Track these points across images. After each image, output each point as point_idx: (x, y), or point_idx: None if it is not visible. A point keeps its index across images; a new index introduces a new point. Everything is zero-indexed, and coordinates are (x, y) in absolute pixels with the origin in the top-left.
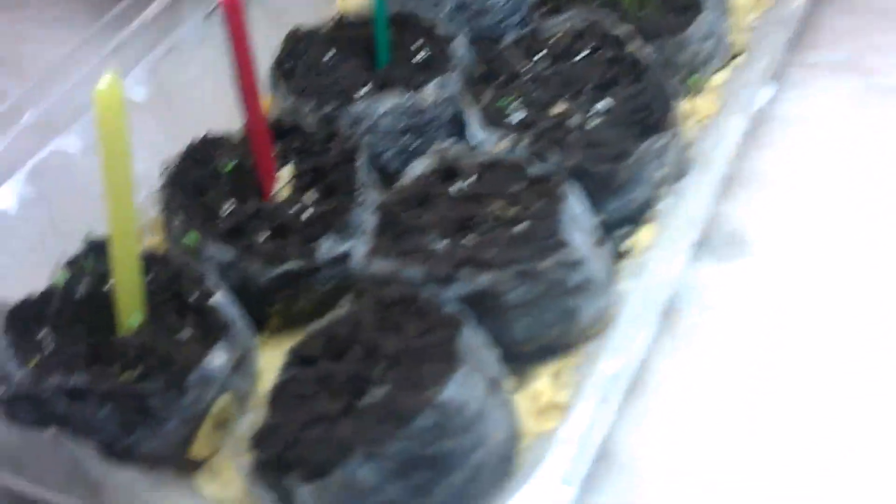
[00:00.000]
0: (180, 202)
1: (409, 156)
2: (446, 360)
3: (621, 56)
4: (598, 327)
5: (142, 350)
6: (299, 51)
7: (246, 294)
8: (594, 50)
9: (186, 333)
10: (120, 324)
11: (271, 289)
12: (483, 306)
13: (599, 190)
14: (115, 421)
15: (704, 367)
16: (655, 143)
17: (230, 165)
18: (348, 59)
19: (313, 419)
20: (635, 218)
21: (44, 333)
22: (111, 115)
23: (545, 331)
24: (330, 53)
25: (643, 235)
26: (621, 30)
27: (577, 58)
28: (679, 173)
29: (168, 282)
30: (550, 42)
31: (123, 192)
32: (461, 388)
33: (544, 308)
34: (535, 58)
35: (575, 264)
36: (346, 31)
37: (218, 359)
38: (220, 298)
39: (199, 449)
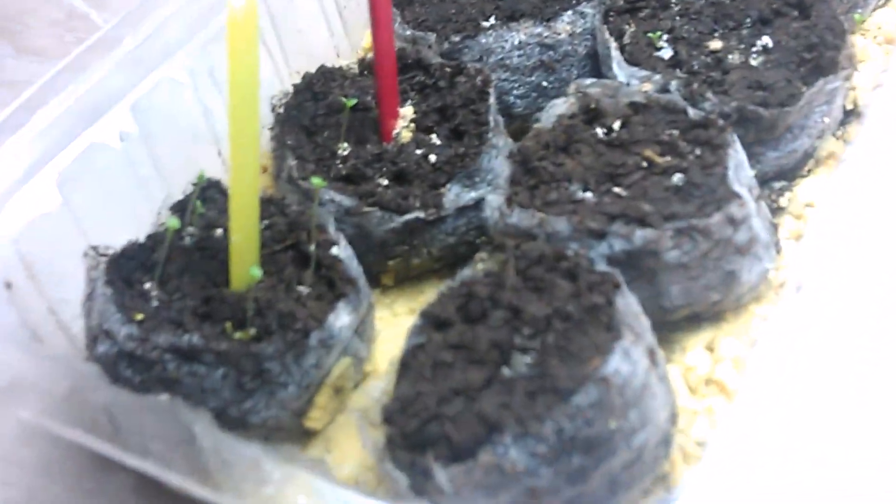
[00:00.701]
0: (295, 141)
1: (539, 96)
2: (605, 327)
3: None
4: (755, 294)
5: (258, 307)
6: None
7: (362, 245)
8: None
9: (305, 288)
10: (234, 276)
11: (390, 240)
12: (636, 267)
13: (760, 138)
14: (229, 385)
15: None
16: (826, 85)
17: (351, 103)
18: None
19: (453, 391)
20: (793, 172)
21: (149, 285)
22: (244, 38)
23: (703, 296)
24: None
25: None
26: None
27: None
28: (838, 122)
29: (285, 229)
30: None
31: (249, 125)
32: (624, 360)
33: (705, 270)
34: None
35: (743, 220)
36: None
37: (341, 319)
38: (342, 250)
39: (315, 418)
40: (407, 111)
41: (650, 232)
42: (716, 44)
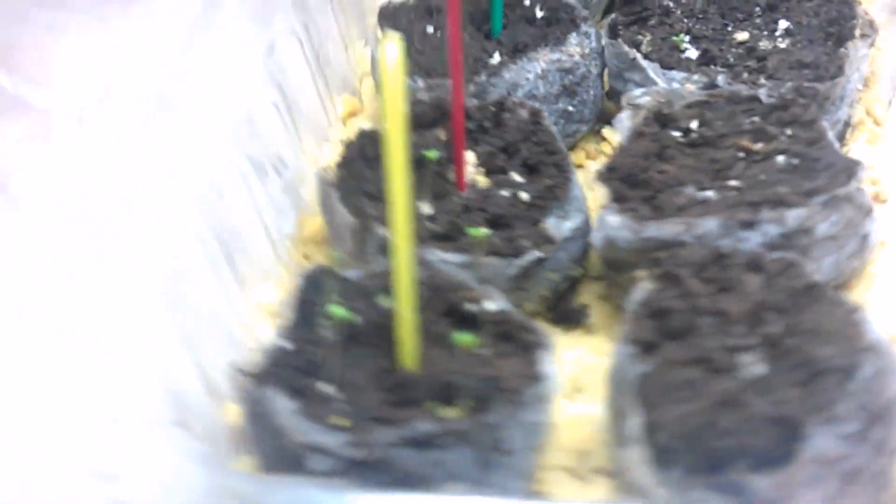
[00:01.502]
0: (374, 209)
1: (565, 122)
2: (827, 302)
3: None
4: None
5: (454, 380)
6: (400, 26)
7: None
8: None
9: (486, 350)
10: (405, 354)
11: (505, 287)
12: (788, 248)
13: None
14: (474, 464)
15: None
16: (857, 52)
17: (433, 154)
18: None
19: (716, 404)
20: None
21: (322, 386)
22: (395, 86)
23: (847, 264)
24: (429, 25)
25: None
26: None
27: None
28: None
29: (430, 295)
30: None
31: (402, 183)
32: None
33: (848, 238)
34: None
35: (863, 184)
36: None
37: (548, 366)
38: (498, 302)
39: (543, 480)
40: (469, 157)
41: (802, 210)
42: (742, 35)
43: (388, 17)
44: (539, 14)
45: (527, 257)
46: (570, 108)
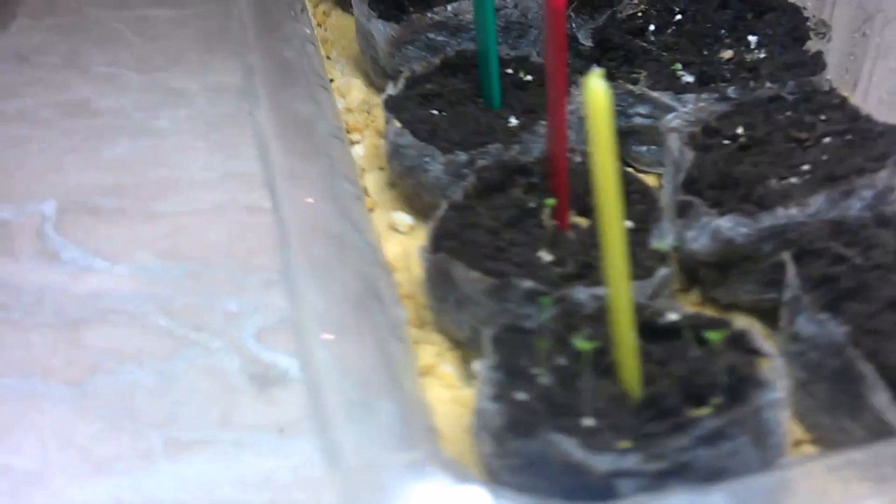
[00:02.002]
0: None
1: None
2: None
3: None
4: None
5: (697, 380)
6: (408, 112)
7: None
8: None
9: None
10: (626, 377)
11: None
12: (881, 206)
13: None
14: (755, 450)
15: None
16: (823, 48)
17: (551, 202)
18: (456, 106)
19: None
20: None
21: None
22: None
23: None
24: (433, 109)
25: None
26: None
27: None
28: None
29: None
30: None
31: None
32: None
33: None
34: (651, 28)
35: None
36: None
37: (763, 346)
38: (679, 312)
39: None
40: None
41: (884, 171)
42: (726, 53)
43: (394, 108)
44: (527, 78)
45: (659, 275)
46: None
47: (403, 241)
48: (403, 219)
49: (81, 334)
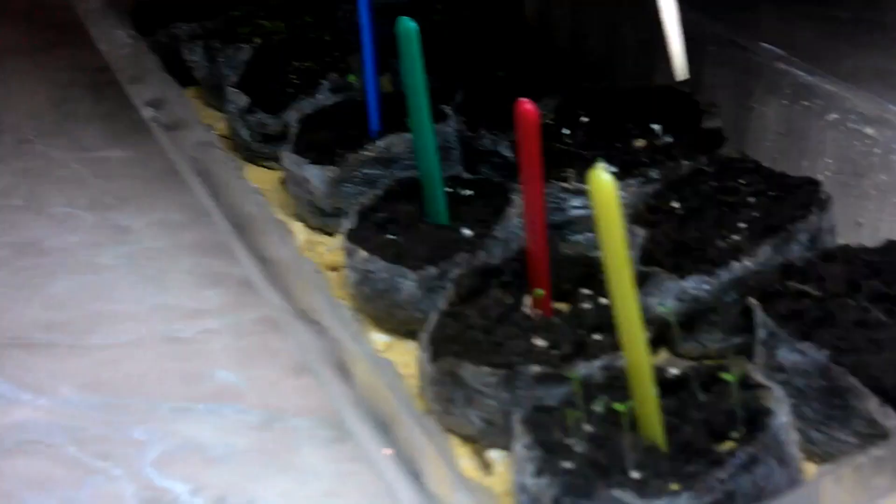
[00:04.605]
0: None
1: None
2: None
3: None
4: None
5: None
6: (371, 240)
7: None
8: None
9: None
10: (650, 430)
11: None
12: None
13: None
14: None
15: None
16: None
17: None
18: (409, 229)
19: None
20: None
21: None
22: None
23: None
24: (392, 234)
25: None
26: None
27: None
28: None
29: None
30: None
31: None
32: None
33: None
34: (564, 132)
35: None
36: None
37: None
38: (680, 365)
39: None
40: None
41: (814, 215)
42: (639, 142)
43: (356, 239)
44: (465, 193)
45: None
46: None
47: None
48: (380, 338)
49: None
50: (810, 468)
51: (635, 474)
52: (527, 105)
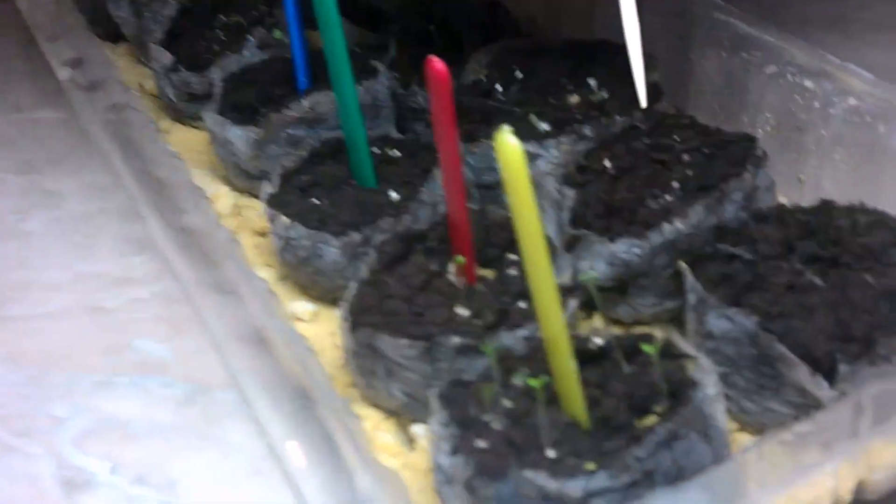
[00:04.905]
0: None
1: None
2: None
3: None
4: None
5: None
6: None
7: None
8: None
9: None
10: (571, 405)
11: None
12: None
13: None
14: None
15: None
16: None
17: (462, 260)
18: (334, 192)
19: None
20: None
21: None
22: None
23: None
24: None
25: None
26: None
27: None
28: None
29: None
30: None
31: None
32: None
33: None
34: (497, 88)
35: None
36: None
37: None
38: (604, 335)
39: None
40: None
41: (748, 173)
42: (573, 98)
43: (277, 204)
44: (393, 153)
45: (570, 306)
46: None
47: (310, 328)
48: (305, 307)
49: None
50: (744, 439)
51: (551, 453)
52: (436, 63)
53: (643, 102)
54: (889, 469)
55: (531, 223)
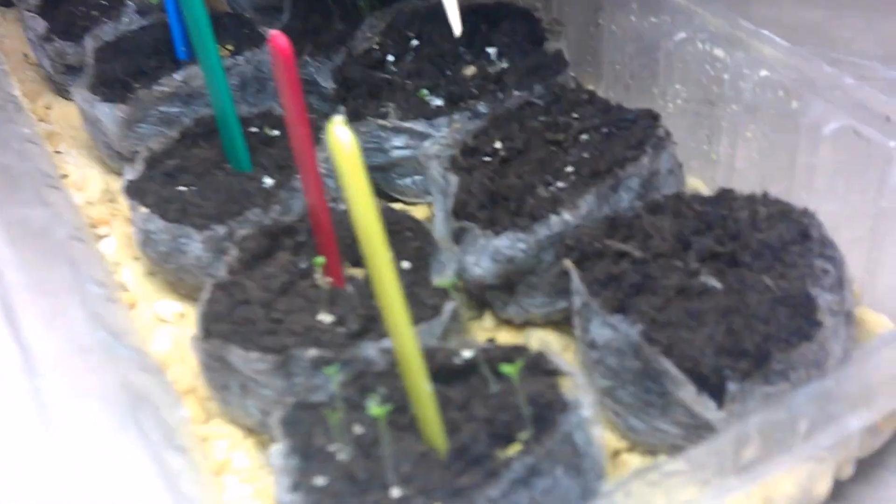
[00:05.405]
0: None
1: None
2: None
3: None
4: None
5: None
6: (149, 189)
7: None
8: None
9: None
10: (429, 431)
11: None
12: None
13: None
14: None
15: None
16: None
17: (320, 261)
18: (204, 177)
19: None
20: None
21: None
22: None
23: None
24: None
25: None
26: None
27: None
28: None
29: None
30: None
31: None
32: None
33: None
34: (389, 58)
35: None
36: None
37: (563, 365)
38: (473, 347)
39: None
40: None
41: (647, 156)
42: (469, 70)
43: (137, 192)
44: (273, 133)
45: (446, 311)
46: None
47: (175, 332)
48: (170, 307)
49: None
50: (634, 461)
51: (396, 492)
52: (279, 39)
53: (457, 31)
54: (788, 500)
55: (370, 222)
